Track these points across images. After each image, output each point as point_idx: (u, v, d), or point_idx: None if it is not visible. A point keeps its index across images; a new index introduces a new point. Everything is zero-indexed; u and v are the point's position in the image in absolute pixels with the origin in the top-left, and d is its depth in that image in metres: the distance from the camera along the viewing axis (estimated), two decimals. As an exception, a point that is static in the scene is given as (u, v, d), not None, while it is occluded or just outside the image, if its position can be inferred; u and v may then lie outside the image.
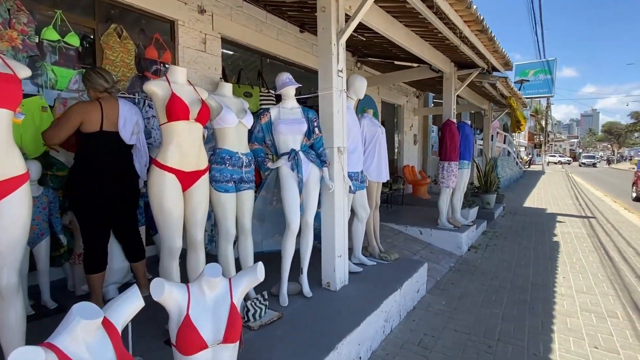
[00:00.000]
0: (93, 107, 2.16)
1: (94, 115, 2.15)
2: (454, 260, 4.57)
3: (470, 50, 4.27)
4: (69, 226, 2.61)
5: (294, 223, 2.45)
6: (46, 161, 2.62)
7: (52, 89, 2.74)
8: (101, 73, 2.28)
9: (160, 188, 1.84)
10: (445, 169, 4.91)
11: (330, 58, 2.60)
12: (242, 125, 2.30)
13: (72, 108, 2.13)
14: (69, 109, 2.13)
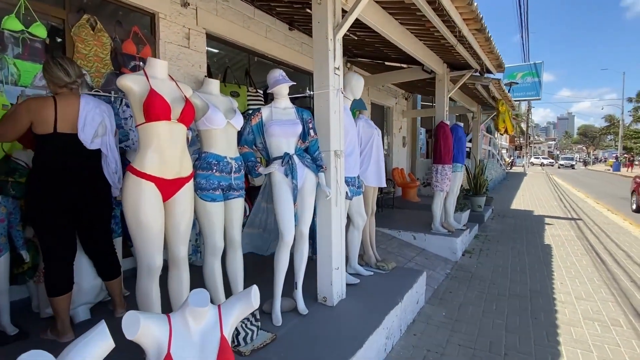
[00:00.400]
0: (45, 104, 1.85)
1: (45, 114, 1.84)
2: (449, 267, 4.44)
3: (465, 51, 4.16)
4: (32, 239, 2.31)
5: (288, 234, 2.23)
6: (7, 166, 2.32)
7: (15, 85, 2.44)
8: (62, 64, 1.96)
9: (137, 198, 1.60)
10: (439, 172, 4.78)
11: (326, 54, 2.40)
12: (230, 126, 2.07)
13: (20, 105, 1.83)
14: (16, 106, 1.85)
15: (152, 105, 1.56)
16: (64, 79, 1.94)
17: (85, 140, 1.96)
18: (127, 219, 1.62)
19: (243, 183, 2.19)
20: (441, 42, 4.03)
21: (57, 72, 1.93)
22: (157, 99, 1.58)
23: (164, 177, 1.66)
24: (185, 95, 1.77)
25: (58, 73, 1.93)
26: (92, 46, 2.83)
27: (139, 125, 1.63)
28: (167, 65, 1.75)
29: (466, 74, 5.08)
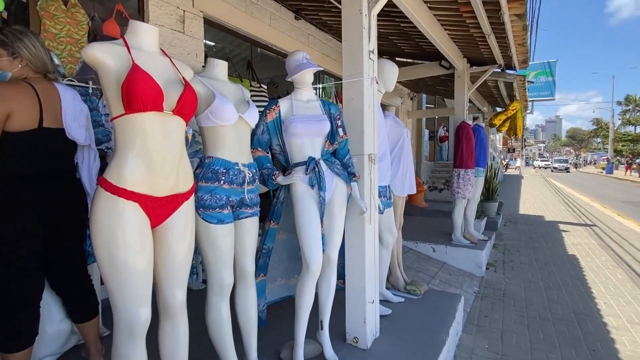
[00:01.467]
0: (24, 90, 1.37)
1: (27, 102, 1.37)
2: (476, 283, 3.97)
3: (496, 43, 3.71)
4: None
5: (315, 262, 1.73)
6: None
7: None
8: (42, 42, 1.50)
9: (112, 227, 1.08)
10: (461, 177, 4.32)
11: (359, 33, 1.91)
12: (243, 122, 1.56)
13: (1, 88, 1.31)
14: None
15: (136, 88, 1.05)
16: (47, 64, 1.50)
17: (78, 135, 1.54)
18: (98, 255, 1.10)
19: (258, 197, 1.67)
20: (470, 32, 3.58)
21: (40, 52, 1.46)
22: (143, 79, 1.07)
23: (153, 194, 1.14)
24: (183, 77, 1.25)
25: (41, 54, 1.46)
26: (64, 24, 2.29)
27: (115, 119, 1.11)
28: (157, 32, 1.23)
29: (488, 70, 4.66)
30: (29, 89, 1.39)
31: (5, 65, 1.40)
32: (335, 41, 5.27)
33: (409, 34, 4.24)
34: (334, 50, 5.20)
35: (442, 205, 7.28)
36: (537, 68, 12.81)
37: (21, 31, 1.44)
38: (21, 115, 1.35)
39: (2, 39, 1.39)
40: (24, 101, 1.35)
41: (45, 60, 1.48)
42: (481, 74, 4.78)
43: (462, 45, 4.21)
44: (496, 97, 6.47)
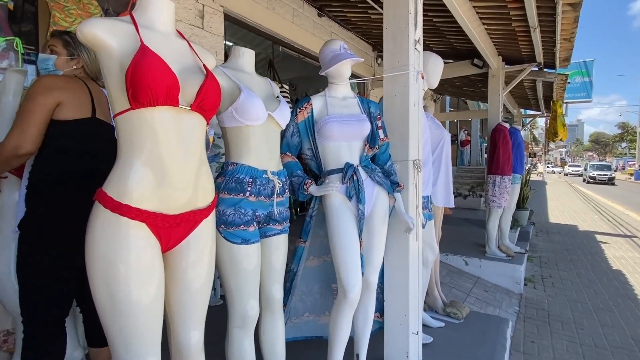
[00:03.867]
0: (75, 83, 1.27)
1: (79, 91, 1.26)
2: (516, 302, 3.61)
3: (539, 38, 3.38)
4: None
5: (353, 289, 1.45)
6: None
7: (-39, 64, 1.72)
8: None
9: (113, 254, 0.84)
10: (497, 184, 3.97)
11: (405, 19, 1.64)
12: (273, 122, 1.31)
13: (34, 86, 1.17)
14: (31, 89, 1.17)
15: (144, 75, 0.81)
16: (99, 74, 1.39)
17: None
18: (95, 290, 0.86)
19: (288, 211, 1.42)
20: (512, 26, 3.26)
21: (96, 62, 1.37)
22: (154, 64, 0.83)
23: (165, 212, 0.90)
24: (204, 65, 1.01)
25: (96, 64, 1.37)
26: (76, 17, 2.10)
27: (118, 116, 0.87)
28: (173, 9, 1.00)
29: (526, 69, 4.31)
30: (80, 82, 1.29)
31: (61, 63, 1.33)
32: (360, 40, 5.02)
33: (440, 29, 3.94)
34: (358, 50, 4.96)
35: (468, 213, 6.91)
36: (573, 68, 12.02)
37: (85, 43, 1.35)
38: (74, 103, 1.23)
39: (67, 39, 1.35)
40: (75, 91, 1.25)
41: (99, 69, 1.33)
42: (517, 73, 4.43)
43: (499, 42, 3.89)
44: (529, 99, 6.08)
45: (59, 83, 1.20)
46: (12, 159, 1.15)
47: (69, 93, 1.21)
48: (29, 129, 1.13)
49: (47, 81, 1.19)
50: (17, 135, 1.12)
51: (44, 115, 1.15)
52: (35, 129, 1.14)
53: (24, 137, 1.12)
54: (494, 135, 4.03)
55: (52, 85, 1.18)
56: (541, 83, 4.89)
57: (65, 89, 1.21)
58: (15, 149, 1.12)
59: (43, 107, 1.15)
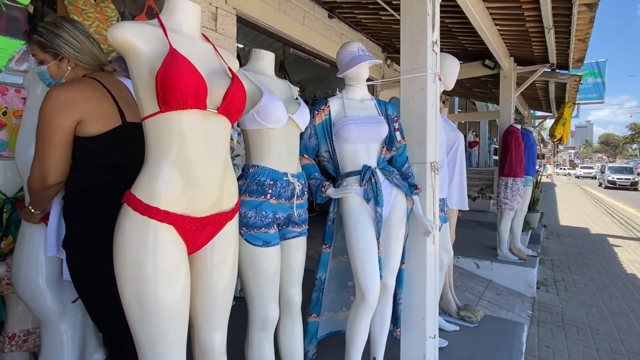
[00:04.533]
0: (90, 87, 1.09)
1: (98, 100, 1.08)
2: (529, 305, 3.57)
3: (553, 39, 3.34)
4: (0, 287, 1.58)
5: (371, 291, 1.45)
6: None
7: (-17, 67, 1.75)
8: (87, 33, 1.21)
9: (142, 257, 0.84)
10: (509, 186, 3.94)
11: (423, 20, 1.64)
12: (293, 125, 1.31)
13: (47, 106, 1.01)
14: (43, 107, 1.01)
15: (174, 79, 0.81)
16: (98, 55, 1.20)
17: None
18: (124, 292, 0.86)
19: (306, 214, 1.42)
20: (526, 27, 3.23)
21: (85, 44, 1.16)
22: (183, 68, 0.83)
23: (192, 215, 0.90)
24: (229, 68, 1.01)
25: (86, 45, 1.17)
26: (93, 20, 2.13)
27: (147, 119, 0.88)
28: (199, 12, 1.00)
29: (538, 70, 4.26)
30: (94, 84, 1.11)
31: (54, 71, 1.15)
32: (369, 42, 5.01)
33: (452, 30, 3.92)
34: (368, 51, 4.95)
35: (477, 215, 6.85)
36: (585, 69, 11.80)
37: (55, 24, 1.15)
38: (96, 115, 1.06)
39: (39, 39, 1.11)
40: (93, 101, 1.06)
41: (94, 52, 1.18)
42: (529, 74, 4.39)
43: (512, 43, 3.85)
44: (541, 100, 6.01)
45: (72, 96, 1.03)
46: (44, 191, 1.05)
47: (87, 105, 1.04)
48: (49, 158, 1.00)
49: (58, 96, 1.01)
50: (39, 166, 1.02)
51: (63, 138, 1.01)
52: (56, 156, 1.01)
53: (46, 168, 1.01)
54: (506, 137, 4.00)
55: (64, 101, 1.01)
56: (554, 84, 4.83)
57: (81, 102, 1.03)
58: (42, 181, 1.02)
59: (61, 130, 1.00)
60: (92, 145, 1.06)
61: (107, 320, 1.11)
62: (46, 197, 1.10)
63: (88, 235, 1.06)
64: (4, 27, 1.84)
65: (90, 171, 1.08)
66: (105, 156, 1.09)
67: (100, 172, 1.10)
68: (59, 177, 1.04)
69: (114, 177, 1.09)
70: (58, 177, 1.03)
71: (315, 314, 1.60)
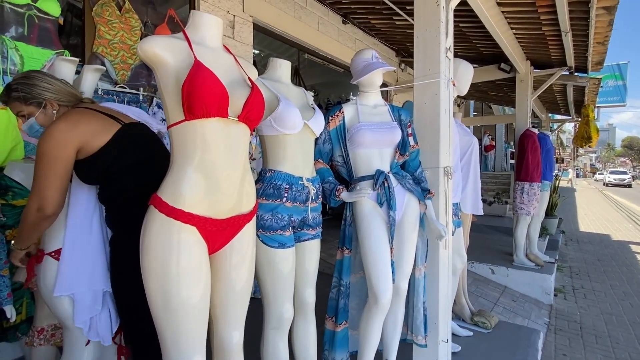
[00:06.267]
0: (81, 113, 1.12)
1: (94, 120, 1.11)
2: (545, 313, 3.50)
3: (570, 42, 3.30)
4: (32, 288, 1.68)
5: (384, 294, 1.47)
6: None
7: (17, 76, 1.86)
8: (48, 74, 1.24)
9: (167, 256, 0.90)
10: (526, 191, 3.88)
11: (436, 28, 1.66)
12: (308, 131, 1.36)
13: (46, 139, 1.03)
14: (41, 145, 1.03)
15: (199, 89, 0.87)
16: (74, 92, 1.24)
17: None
18: (149, 290, 0.92)
19: (320, 217, 1.46)
20: (542, 30, 3.20)
21: (58, 85, 1.20)
22: (207, 79, 0.89)
23: (213, 217, 0.95)
24: (249, 78, 1.07)
25: (60, 86, 1.20)
26: (118, 30, 2.23)
27: (173, 126, 0.94)
28: (222, 25, 1.06)
29: (556, 73, 4.20)
30: (80, 109, 1.15)
31: (42, 120, 1.17)
32: (383, 46, 5.04)
33: (466, 34, 3.91)
34: (382, 55, 4.96)
35: (493, 220, 6.75)
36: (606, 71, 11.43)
37: (27, 77, 1.19)
38: (95, 131, 1.08)
39: (19, 95, 1.14)
40: (87, 121, 1.08)
41: (69, 90, 1.23)
42: (546, 77, 4.33)
43: (528, 46, 3.82)
44: (559, 104, 5.89)
45: (66, 126, 1.04)
46: (40, 222, 1.07)
47: (85, 128, 1.06)
48: (49, 189, 1.02)
49: (54, 131, 1.02)
50: (37, 198, 1.03)
51: (62, 169, 1.03)
52: (56, 186, 1.03)
53: (44, 199, 1.02)
54: (522, 141, 3.95)
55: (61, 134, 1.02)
56: (572, 87, 4.75)
57: (76, 129, 1.04)
58: (39, 211, 1.04)
59: (61, 161, 1.02)
60: (105, 155, 1.09)
61: (137, 319, 1.15)
62: (39, 230, 1.12)
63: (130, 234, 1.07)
64: (36, 38, 1.95)
65: (115, 177, 1.13)
66: (122, 158, 1.12)
67: (124, 174, 1.14)
68: (56, 208, 1.05)
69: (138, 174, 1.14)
70: (55, 208, 1.05)
71: (345, 321, 1.59)
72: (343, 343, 1.59)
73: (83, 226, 1.22)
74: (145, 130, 1.27)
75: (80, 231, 1.22)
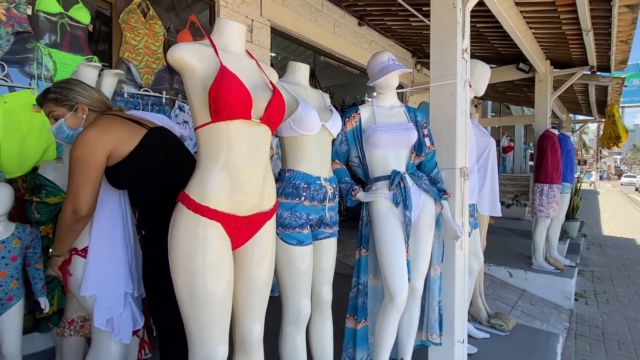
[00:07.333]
0: (110, 119, 1.20)
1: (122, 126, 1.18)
2: (566, 317, 3.43)
3: (592, 41, 3.23)
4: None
5: (400, 293, 1.49)
6: (33, 182, 1.84)
7: (50, 81, 1.97)
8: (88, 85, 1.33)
9: (194, 251, 0.95)
10: (545, 193, 3.80)
11: (453, 29, 1.67)
12: (325, 132, 1.40)
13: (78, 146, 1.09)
14: (74, 151, 1.09)
15: (224, 93, 0.92)
16: (105, 100, 1.32)
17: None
18: (177, 283, 0.98)
19: (337, 216, 1.49)
20: (562, 30, 3.15)
21: (92, 92, 1.28)
22: (232, 83, 0.94)
23: (237, 214, 1.00)
24: (270, 81, 1.11)
25: (93, 93, 1.28)
26: (143, 36, 2.33)
27: (199, 128, 0.99)
28: (245, 31, 1.11)
29: (577, 73, 4.10)
30: (109, 116, 1.22)
31: (71, 122, 1.25)
32: (399, 47, 5.04)
33: (483, 35, 3.87)
34: (398, 57, 4.95)
35: (511, 223, 6.62)
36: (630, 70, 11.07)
37: (66, 82, 1.29)
38: (125, 136, 1.14)
39: (55, 96, 1.23)
40: (116, 127, 1.14)
41: (101, 98, 1.31)
42: (567, 77, 4.24)
43: (548, 46, 3.75)
44: (580, 104, 5.75)
45: (97, 132, 1.10)
46: (75, 225, 1.13)
47: (114, 133, 1.12)
48: (83, 192, 1.09)
49: (85, 137, 1.09)
50: (72, 201, 1.10)
51: (95, 172, 1.10)
52: (90, 189, 1.09)
53: (79, 202, 1.09)
54: (542, 142, 3.87)
55: (92, 139, 1.09)
56: (594, 87, 4.63)
57: (106, 134, 1.11)
58: (74, 213, 1.10)
59: (94, 165, 1.08)
60: (134, 159, 1.15)
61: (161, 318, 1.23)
62: (75, 231, 1.18)
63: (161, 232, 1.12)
64: (67, 44, 2.06)
65: (144, 180, 1.18)
66: (150, 161, 1.18)
67: (152, 177, 1.20)
68: (90, 209, 1.12)
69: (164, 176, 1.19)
70: (89, 209, 1.11)
71: (364, 319, 1.63)
72: (363, 341, 1.62)
73: (108, 230, 1.30)
74: (169, 133, 1.33)
75: (105, 235, 1.29)
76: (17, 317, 1.52)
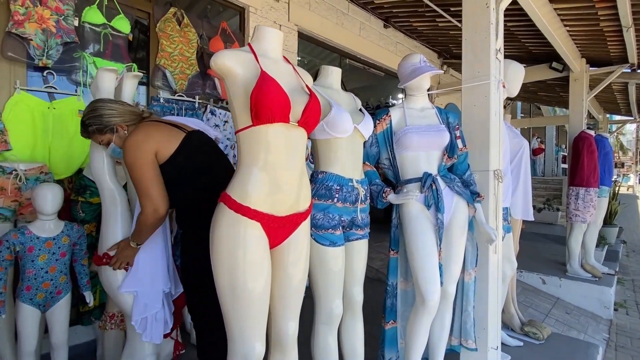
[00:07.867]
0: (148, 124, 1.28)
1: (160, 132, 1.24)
2: (604, 328, 3.26)
3: (634, 37, 3.08)
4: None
5: (432, 296, 1.47)
6: (78, 183, 1.95)
7: (94, 88, 2.09)
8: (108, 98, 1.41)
9: (235, 249, 0.99)
10: (581, 197, 3.64)
11: (486, 29, 1.65)
12: (358, 134, 1.41)
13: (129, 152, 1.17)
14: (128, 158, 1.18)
15: (265, 98, 0.95)
16: (135, 110, 1.39)
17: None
18: (219, 281, 1.01)
19: (368, 218, 1.50)
20: (600, 27, 3.02)
21: (120, 107, 1.34)
22: (273, 88, 0.97)
23: (275, 214, 1.03)
24: (307, 85, 1.14)
25: (122, 108, 1.35)
26: (178, 43, 2.43)
27: (241, 131, 1.03)
28: (282, 38, 1.15)
29: (615, 71, 3.92)
30: (147, 122, 1.30)
31: (118, 142, 1.32)
32: (425, 48, 4.98)
33: (514, 34, 3.77)
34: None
35: (543, 228, 6.38)
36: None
37: (92, 109, 1.34)
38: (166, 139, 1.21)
39: (94, 128, 1.31)
40: (157, 130, 1.22)
41: (131, 109, 1.37)
42: (604, 75, 4.05)
43: (583, 44, 3.61)
44: (619, 103, 5.47)
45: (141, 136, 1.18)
46: (157, 223, 1.21)
47: (156, 135, 1.20)
48: (154, 193, 1.15)
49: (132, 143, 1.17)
50: (149, 203, 1.16)
51: (154, 172, 1.17)
52: (158, 189, 1.16)
53: (155, 202, 1.16)
54: (577, 144, 3.71)
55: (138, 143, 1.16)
56: (635, 86, 4.40)
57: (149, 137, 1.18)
58: (155, 213, 1.17)
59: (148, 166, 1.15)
60: (175, 161, 1.20)
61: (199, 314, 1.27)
62: (156, 228, 1.26)
63: (198, 233, 1.18)
64: (110, 53, 2.18)
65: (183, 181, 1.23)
66: (189, 163, 1.23)
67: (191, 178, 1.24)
68: (167, 205, 1.19)
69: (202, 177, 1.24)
70: (166, 206, 1.18)
71: (392, 320, 1.63)
72: (392, 342, 1.61)
73: None
74: (205, 136, 1.39)
75: None
76: (64, 310, 1.61)
